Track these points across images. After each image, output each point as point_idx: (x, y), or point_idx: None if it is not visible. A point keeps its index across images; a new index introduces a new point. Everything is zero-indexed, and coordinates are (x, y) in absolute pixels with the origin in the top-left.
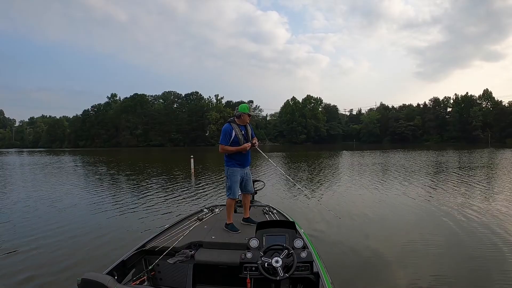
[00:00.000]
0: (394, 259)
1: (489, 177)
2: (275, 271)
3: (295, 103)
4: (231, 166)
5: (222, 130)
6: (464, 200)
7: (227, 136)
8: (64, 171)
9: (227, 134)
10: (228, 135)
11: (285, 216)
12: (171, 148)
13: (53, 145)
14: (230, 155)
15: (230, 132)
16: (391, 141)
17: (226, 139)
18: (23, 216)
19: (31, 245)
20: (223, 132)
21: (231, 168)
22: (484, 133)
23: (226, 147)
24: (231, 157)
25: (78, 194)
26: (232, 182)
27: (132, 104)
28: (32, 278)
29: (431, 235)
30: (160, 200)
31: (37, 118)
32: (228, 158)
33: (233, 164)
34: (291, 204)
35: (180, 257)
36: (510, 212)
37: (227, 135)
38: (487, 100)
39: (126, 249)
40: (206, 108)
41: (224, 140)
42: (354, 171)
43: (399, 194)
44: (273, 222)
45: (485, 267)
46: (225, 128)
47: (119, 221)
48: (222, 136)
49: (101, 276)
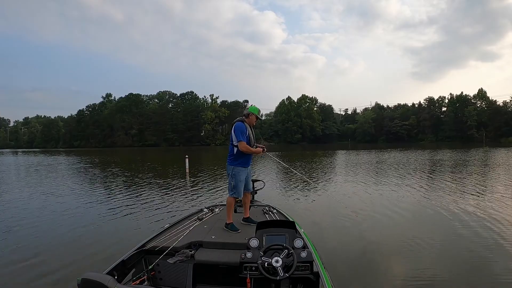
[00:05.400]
0: (394, 258)
1: (485, 176)
2: (275, 271)
3: (290, 102)
4: (237, 165)
5: (236, 128)
6: (464, 199)
7: (244, 134)
8: (60, 172)
9: (243, 132)
10: (244, 132)
11: (285, 215)
12: (166, 148)
13: (48, 145)
14: (237, 154)
15: (244, 130)
16: (386, 140)
17: (244, 136)
18: (24, 216)
19: (31, 244)
20: (239, 129)
21: (237, 167)
22: (479, 133)
23: (248, 147)
24: (238, 156)
25: (75, 194)
26: (237, 182)
27: (127, 104)
28: (32, 278)
29: (431, 235)
30: (155, 199)
31: (31, 118)
32: (235, 157)
33: (239, 164)
34: (291, 204)
35: (180, 257)
36: (507, 211)
37: (243, 133)
38: (482, 99)
39: (126, 249)
40: (201, 108)
41: (242, 137)
42: (370, 169)
43: (399, 192)
44: (273, 222)
45: (485, 267)
46: (240, 126)
47: (117, 221)
48: (239, 133)
49: (101, 276)
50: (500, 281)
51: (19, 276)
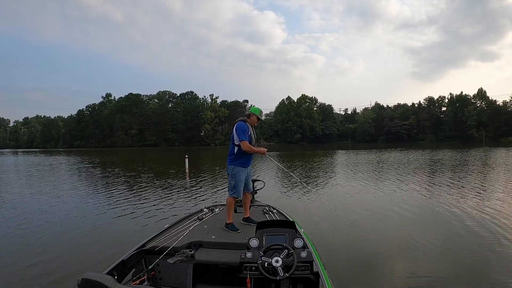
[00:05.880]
0: (395, 258)
1: (485, 176)
2: (275, 271)
3: (290, 102)
4: (237, 165)
5: (237, 127)
6: (464, 199)
7: (246, 133)
8: (60, 172)
9: (245, 131)
10: (246, 132)
11: (285, 215)
12: (166, 148)
13: (47, 145)
14: (237, 154)
15: (246, 129)
16: (386, 140)
17: (246, 136)
18: (23, 217)
19: (31, 244)
20: (241, 129)
21: (237, 167)
22: (478, 132)
23: (251, 146)
24: (238, 156)
25: (75, 194)
26: (237, 181)
27: (127, 104)
28: (32, 277)
29: (431, 235)
30: (155, 199)
31: (31, 118)
32: (235, 157)
33: (239, 164)
34: (291, 204)
35: (180, 257)
36: (507, 210)
37: (245, 132)
38: (482, 99)
39: (126, 249)
40: (201, 108)
41: (244, 136)
42: (370, 169)
43: (399, 192)
44: (273, 222)
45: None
46: (242, 125)
47: (117, 221)
48: (241, 133)
49: (101, 276)
50: (500, 281)
51: (19, 275)
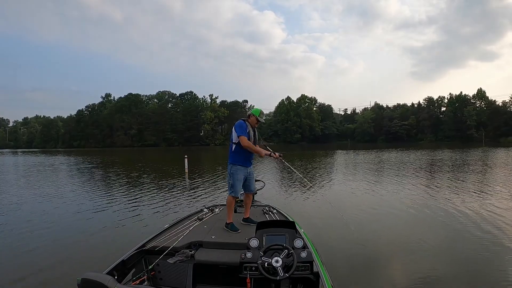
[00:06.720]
0: (394, 258)
1: (485, 176)
2: (275, 271)
3: (289, 102)
4: (235, 164)
5: (236, 125)
6: (464, 199)
7: (244, 130)
8: (61, 172)
9: (242, 126)
10: (243, 128)
11: (285, 216)
12: (165, 148)
13: (47, 145)
14: (236, 152)
15: (244, 126)
16: (386, 140)
17: (244, 132)
18: (23, 216)
19: (31, 244)
20: (238, 126)
21: (235, 166)
22: (478, 132)
23: (250, 143)
24: (237, 154)
25: (75, 194)
26: (235, 180)
27: (127, 104)
28: (32, 277)
29: (431, 235)
30: (155, 199)
31: (31, 118)
32: (233, 156)
33: (238, 162)
34: (291, 204)
35: (180, 257)
36: (508, 210)
37: (242, 128)
38: (481, 99)
39: (126, 249)
40: (200, 108)
41: (243, 132)
42: (369, 169)
43: (398, 192)
44: (273, 222)
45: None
46: (241, 123)
47: (117, 221)
48: (238, 129)
49: (101, 275)
50: (501, 281)
51: (19, 275)
